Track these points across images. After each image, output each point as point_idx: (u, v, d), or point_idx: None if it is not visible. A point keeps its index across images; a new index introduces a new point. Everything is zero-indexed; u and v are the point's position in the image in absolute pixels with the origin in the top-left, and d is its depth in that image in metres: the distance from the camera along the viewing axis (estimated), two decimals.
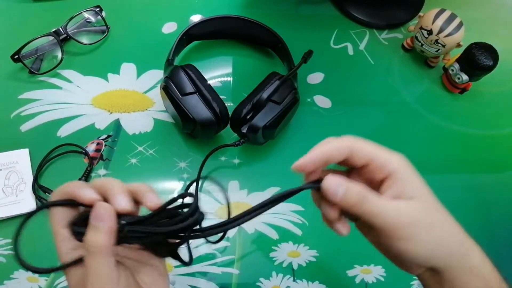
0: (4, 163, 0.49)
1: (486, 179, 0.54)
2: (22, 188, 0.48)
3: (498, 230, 0.51)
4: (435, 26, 0.53)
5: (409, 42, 0.60)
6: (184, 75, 0.47)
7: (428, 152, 0.55)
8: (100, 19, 0.59)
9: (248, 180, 0.51)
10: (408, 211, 0.28)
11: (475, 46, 0.53)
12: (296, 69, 0.49)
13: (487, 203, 0.52)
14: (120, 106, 0.54)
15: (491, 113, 0.58)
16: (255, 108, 0.47)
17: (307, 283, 0.47)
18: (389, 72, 0.60)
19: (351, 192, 0.28)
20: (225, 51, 0.59)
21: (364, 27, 0.63)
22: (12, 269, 0.45)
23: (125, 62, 0.57)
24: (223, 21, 0.56)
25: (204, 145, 0.52)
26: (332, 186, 0.28)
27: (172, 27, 0.61)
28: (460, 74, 0.55)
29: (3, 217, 0.46)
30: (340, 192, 0.28)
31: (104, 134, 0.52)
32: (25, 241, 0.32)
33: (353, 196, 0.28)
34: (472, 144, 0.56)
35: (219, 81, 0.57)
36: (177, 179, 0.50)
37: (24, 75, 0.55)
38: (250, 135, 0.47)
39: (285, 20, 0.62)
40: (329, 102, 0.57)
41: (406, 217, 0.27)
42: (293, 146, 0.53)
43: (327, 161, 0.29)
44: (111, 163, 0.51)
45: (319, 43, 0.60)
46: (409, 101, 0.58)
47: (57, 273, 0.45)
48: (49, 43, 0.56)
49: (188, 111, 0.46)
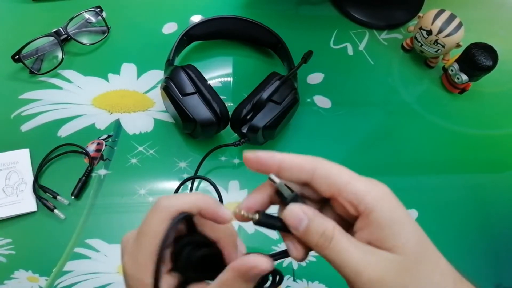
0: (5, 163, 0.49)
1: (485, 179, 0.54)
2: (22, 188, 0.48)
3: (497, 230, 0.51)
4: (435, 26, 0.53)
5: (409, 43, 0.61)
6: (185, 75, 0.47)
7: (428, 152, 0.55)
8: (101, 19, 0.59)
9: (248, 180, 0.51)
10: (379, 267, 0.22)
11: (475, 46, 0.53)
12: (296, 69, 0.49)
13: (487, 203, 0.53)
14: (121, 106, 0.54)
15: (491, 113, 0.58)
16: (255, 108, 0.47)
17: (307, 283, 0.47)
18: (388, 72, 0.60)
19: (315, 228, 0.23)
20: (225, 52, 0.59)
21: (363, 28, 0.63)
22: (12, 269, 0.45)
23: (126, 62, 0.57)
24: (223, 22, 0.56)
25: (204, 145, 0.52)
26: (293, 218, 0.24)
27: (172, 27, 0.61)
28: (459, 74, 0.55)
29: (3, 217, 0.47)
30: (301, 226, 0.23)
31: (105, 134, 0.53)
32: (25, 241, 0.32)
33: (316, 233, 0.23)
34: (472, 144, 0.56)
35: (219, 81, 0.57)
36: (177, 179, 0.50)
37: (25, 75, 0.55)
38: (250, 135, 0.47)
39: (285, 20, 0.62)
40: (329, 102, 0.57)
41: (374, 273, 0.22)
42: (293, 146, 0.53)
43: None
44: (111, 163, 0.51)
45: (319, 43, 0.61)
46: (409, 101, 0.58)
47: (57, 273, 0.45)
48: (50, 44, 0.56)
49: (188, 111, 0.46)
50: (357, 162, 0.53)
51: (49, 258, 0.46)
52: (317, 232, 0.23)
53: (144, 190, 0.50)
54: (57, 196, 0.48)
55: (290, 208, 0.24)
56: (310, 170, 0.24)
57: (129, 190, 0.49)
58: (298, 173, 0.25)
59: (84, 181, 0.49)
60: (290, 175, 0.25)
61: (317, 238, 0.23)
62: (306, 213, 0.24)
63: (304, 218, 0.23)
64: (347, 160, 0.53)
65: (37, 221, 0.48)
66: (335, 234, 0.23)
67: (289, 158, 0.25)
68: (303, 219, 0.23)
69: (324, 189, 0.24)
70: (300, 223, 0.23)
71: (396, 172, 0.53)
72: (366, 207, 0.23)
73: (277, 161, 0.25)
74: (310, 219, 0.23)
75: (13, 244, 0.46)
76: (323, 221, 0.23)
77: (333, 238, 0.23)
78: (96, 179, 0.50)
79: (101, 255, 0.46)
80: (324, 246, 0.23)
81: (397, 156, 0.54)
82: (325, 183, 0.24)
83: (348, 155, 0.54)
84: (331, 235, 0.23)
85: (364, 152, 0.54)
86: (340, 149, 0.54)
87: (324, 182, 0.24)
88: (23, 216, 0.47)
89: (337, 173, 0.24)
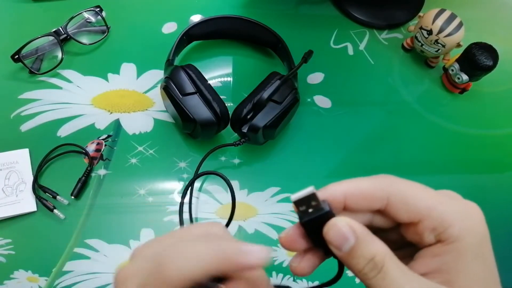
0: (4, 163, 0.49)
1: (486, 180, 0.54)
2: (22, 188, 0.48)
3: (498, 230, 0.51)
4: (435, 26, 0.53)
5: (409, 42, 0.60)
6: (185, 75, 0.47)
7: (428, 152, 0.55)
8: (100, 19, 0.59)
9: (248, 180, 0.51)
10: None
11: (475, 46, 0.53)
12: (297, 69, 0.49)
13: (487, 203, 0.52)
14: (120, 106, 0.54)
15: (491, 113, 0.58)
16: (255, 108, 0.47)
17: (307, 283, 0.47)
18: (389, 72, 0.60)
19: (362, 252, 0.19)
20: (225, 51, 0.59)
21: (364, 27, 0.63)
22: (12, 269, 0.45)
23: (125, 62, 0.57)
24: (223, 21, 0.56)
25: (204, 145, 0.52)
26: (336, 235, 0.19)
27: (172, 27, 0.61)
28: (460, 74, 0.55)
29: (2, 217, 0.46)
30: (346, 246, 0.19)
31: (104, 134, 0.52)
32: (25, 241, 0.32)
33: (364, 259, 0.19)
34: (472, 144, 0.56)
35: (219, 81, 0.57)
36: (177, 179, 0.50)
37: (24, 75, 0.55)
38: (251, 135, 0.47)
39: (285, 20, 0.62)
40: (329, 102, 0.57)
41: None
42: (293, 146, 0.53)
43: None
44: (111, 163, 0.51)
45: (319, 43, 0.60)
46: (409, 101, 0.58)
47: (57, 273, 0.45)
48: (49, 43, 0.56)
49: (188, 111, 0.46)
50: (357, 162, 0.53)
51: (48, 258, 0.46)
52: (365, 257, 0.19)
53: (143, 190, 0.50)
54: (56, 196, 0.48)
55: (334, 222, 0.20)
56: (383, 197, 0.20)
57: (129, 190, 0.49)
58: (369, 203, 0.20)
59: (83, 181, 0.49)
60: (360, 207, 0.21)
61: (363, 264, 0.19)
62: (354, 231, 0.19)
63: (351, 237, 0.19)
64: (347, 160, 0.53)
65: (36, 221, 0.47)
66: (385, 261, 0.19)
67: (355, 187, 0.21)
68: (349, 238, 0.19)
69: (403, 216, 0.20)
70: (344, 243, 0.19)
71: (396, 172, 0.52)
72: (451, 235, 0.19)
73: (340, 194, 0.21)
74: (358, 238, 0.19)
75: (13, 244, 0.46)
76: (374, 244, 0.19)
77: (383, 266, 0.18)
78: (95, 179, 0.50)
79: (100, 255, 0.46)
80: (370, 276, 0.19)
81: (397, 156, 0.54)
82: (405, 209, 0.20)
83: (348, 155, 0.54)
84: (381, 263, 0.18)
85: (364, 152, 0.54)
86: (340, 149, 0.54)
87: (403, 208, 0.20)
88: (23, 216, 0.47)
89: (417, 196, 0.20)
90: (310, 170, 0.52)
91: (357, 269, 0.19)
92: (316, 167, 0.52)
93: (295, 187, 0.42)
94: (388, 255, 0.19)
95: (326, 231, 0.20)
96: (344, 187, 0.21)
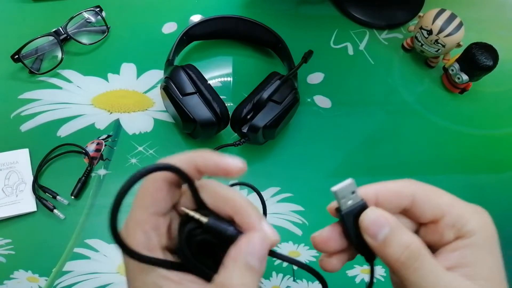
0: (4, 163, 0.49)
1: (486, 179, 0.54)
2: (22, 188, 0.48)
3: (498, 230, 0.51)
4: (435, 26, 0.53)
5: (409, 42, 0.60)
6: (185, 75, 0.47)
7: (428, 152, 0.55)
8: (100, 19, 0.59)
9: (248, 180, 0.51)
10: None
11: (475, 46, 0.53)
12: (297, 69, 0.49)
13: (487, 203, 0.52)
14: (120, 106, 0.54)
15: (491, 113, 0.58)
16: (255, 108, 0.47)
17: (307, 283, 0.47)
18: (389, 72, 0.60)
19: (399, 241, 0.19)
20: (225, 51, 0.59)
21: (364, 27, 0.63)
22: (12, 269, 0.45)
23: (125, 62, 0.57)
24: (223, 21, 0.56)
25: (204, 145, 0.52)
26: (372, 223, 0.20)
27: (172, 27, 0.61)
28: (460, 74, 0.55)
29: (3, 217, 0.46)
30: (381, 234, 0.20)
31: (104, 134, 0.52)
32: (25, 241, 0.32)
33: (400, 246, 0.19)
34: (472, 144, 0.56)
35: (219, 81, 0.57)
36: None
37: (24, 75, 0.55)
38: (251, 135, 0.47)
39: (285, 20, 0.62)
40: (329, 102, 0.57)
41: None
42: (293, 146, 0.53)
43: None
44: (111, 163, 0.51)
45: (319, 43, 0.60)
46: (409, 101, 0.58)
47: (57, 273, 0.45)
48: (49, 43, 0.56)
49: (188, 111, 0.46)
50: (357, 162, 0.53)
51: (48, 258, 0.46)
52: (401, 245, 0.19)
53: None
54: (56, 196, 0.48)
55: (370, 210, 0.20)
56: (409, 195, 0.22)
57: None
58: (397, 200, 0.22)
59: (83, 181, 0.49)
60: (390, 204, 0.22)
61: (399, 253, 0.19)
62: (388, 220, 0.20)
63: (386, 225, 0.20)
64: (348, 160, 0.53)
65: (36, 221, 0.47)
66: (423, 251, 0.19)
67: (385, 187, 0.22)
68: (385, 225, 0.20)
69: (427, 213, 0.21)
70: (380, 230, 0.20)
71: (396, 172, 0.53)
72: (467, 231, 0.21)
73: (372, 193, 0.22)
74: (392, 227, 0.20)
75: (13, 244, 0.46)
76: (408, 233, 0.20)
77: (419, 255, 0.19)
78: (95, 179, 0.50)
79: (100, 255, 0.46)
80: (407, 264, 0.19)
81: (397, 156, 0.54)
82: (428, 206, 0.21)
83: (348, 155, 0.54)
84: (417, 251, 0.19)
85: (364, 152, 0.54)
86: (340, 148, 0.54)
87: (427, 205, 0.21)
88: (23, 216, 0.47)
89: (438, 194, 0.22)
90: (310, 170, 0.52)
91: (394, 259, 0.19)
92: (316, 167, 0.52)
93: (295, 187, 0.42)
94: (423, 245, 0.20)
95: (362, 219, 0.20)
96: (375, 186, 0.22)
